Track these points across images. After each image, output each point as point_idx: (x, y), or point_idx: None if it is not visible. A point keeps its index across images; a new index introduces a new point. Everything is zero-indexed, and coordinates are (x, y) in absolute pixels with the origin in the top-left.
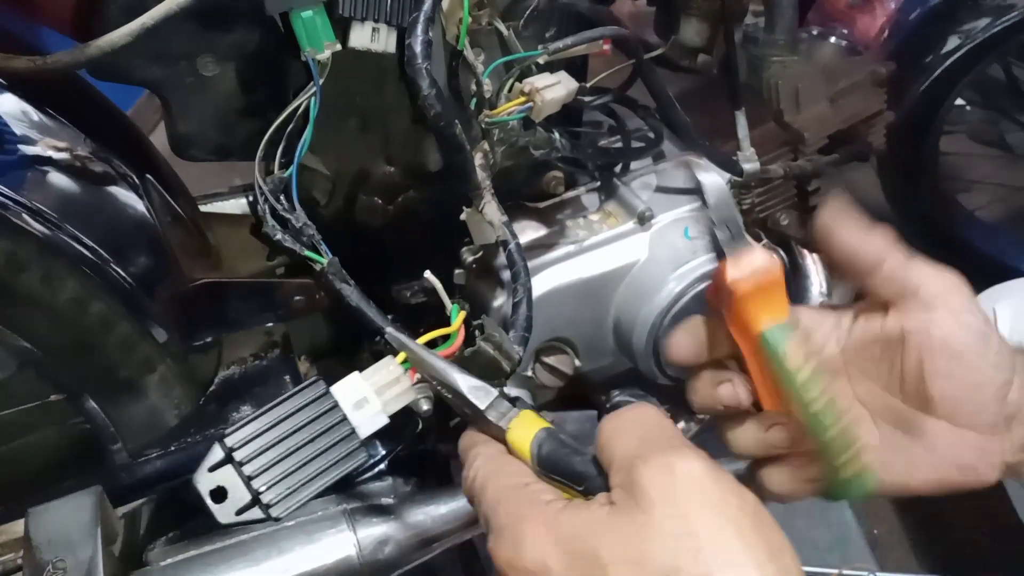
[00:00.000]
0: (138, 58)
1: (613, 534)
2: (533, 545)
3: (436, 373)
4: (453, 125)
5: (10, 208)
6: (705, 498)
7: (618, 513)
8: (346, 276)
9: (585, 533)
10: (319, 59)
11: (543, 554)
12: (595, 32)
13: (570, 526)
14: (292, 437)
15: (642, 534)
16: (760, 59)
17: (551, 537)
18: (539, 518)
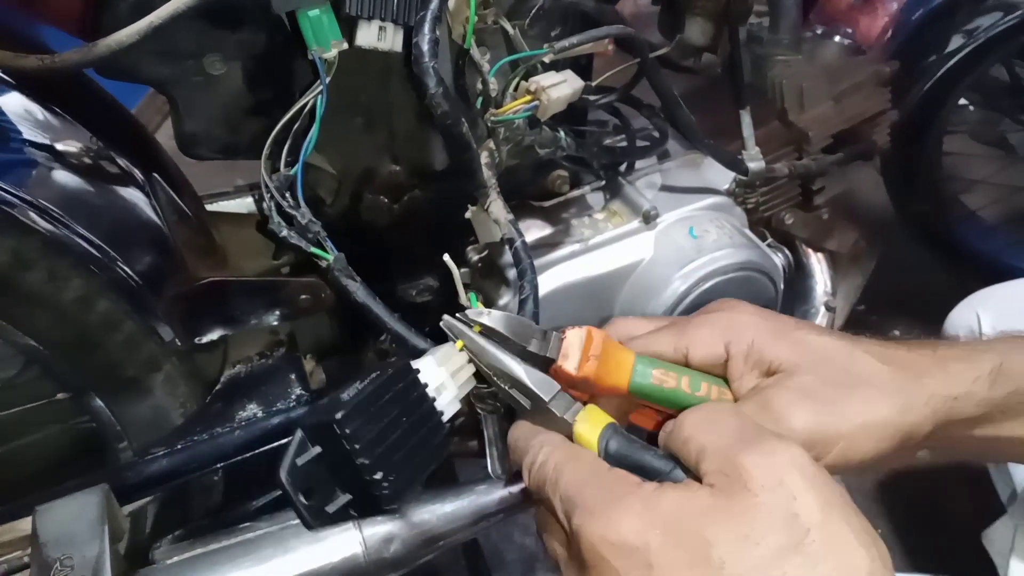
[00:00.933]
0: (146, 57)
1: (718, 515)
2: (631, 523)
3: (496, 364)
4: (460, 123)
5: (16, 206)
6: (809, 482)
7: (721, 495)
8: (352, 272)
9: (686, 513)
10: (326, 58)
11: (642, 532)
12: (600, 31)
13: (669, 506)
14: (394, 423)
15: (750, 513)
16: (764, 59)
17: (649, 516)
18: (634, 497)
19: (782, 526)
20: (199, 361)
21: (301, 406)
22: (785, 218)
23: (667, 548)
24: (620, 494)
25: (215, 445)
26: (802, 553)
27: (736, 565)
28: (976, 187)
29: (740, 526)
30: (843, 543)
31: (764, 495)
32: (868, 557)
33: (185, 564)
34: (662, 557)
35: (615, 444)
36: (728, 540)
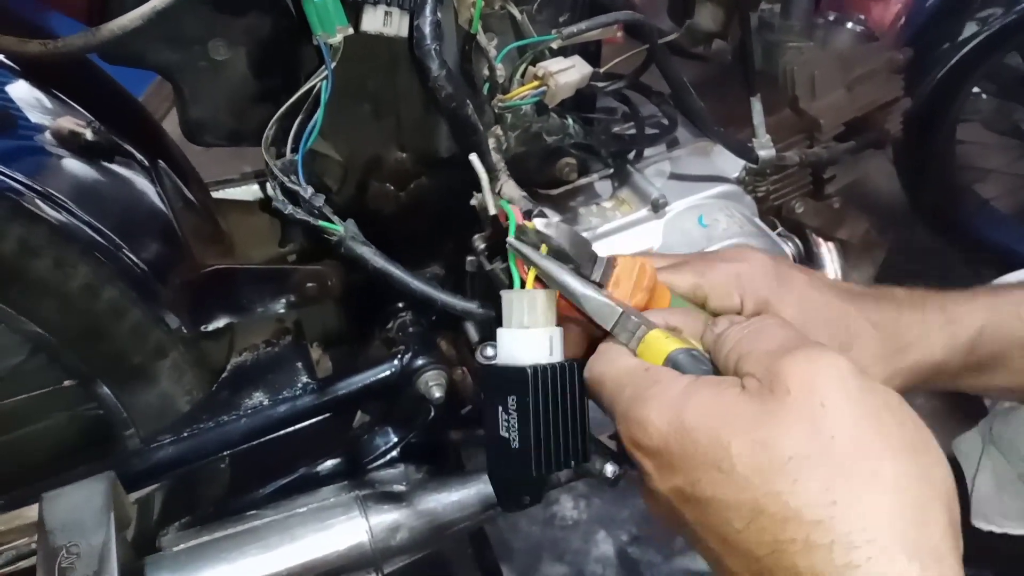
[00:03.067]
0: (150, 42)
1: (739, 415)
2: (658, 424)
3: (564, 291)
4: (465, 106)
5: (23, 194)
6: (845, 392)
7: (748, 396)
8: (365, 240)
9: (710, 411)
10: (331, 43)
11: (666, 432)
12: (609, 17)
13: (696, 404)
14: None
15: (772, 418)
16: (776, 45)
17: (675, 414)
18: (663, 396)
19: (802, 433)
20: (205, 349)
21: (307, 394)
22: (796, 207)
23: (685, 448)
24: (651, 395)
25: (221, 433)
26: (821, 463)
27: (746, 467)
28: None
29: (758, 428)
30: (868, 455)
31: (790, 400)
32: (900, 469)
33: (192, 551)
34: (681, 457)
35: (682, 364)
36: (743, 442)
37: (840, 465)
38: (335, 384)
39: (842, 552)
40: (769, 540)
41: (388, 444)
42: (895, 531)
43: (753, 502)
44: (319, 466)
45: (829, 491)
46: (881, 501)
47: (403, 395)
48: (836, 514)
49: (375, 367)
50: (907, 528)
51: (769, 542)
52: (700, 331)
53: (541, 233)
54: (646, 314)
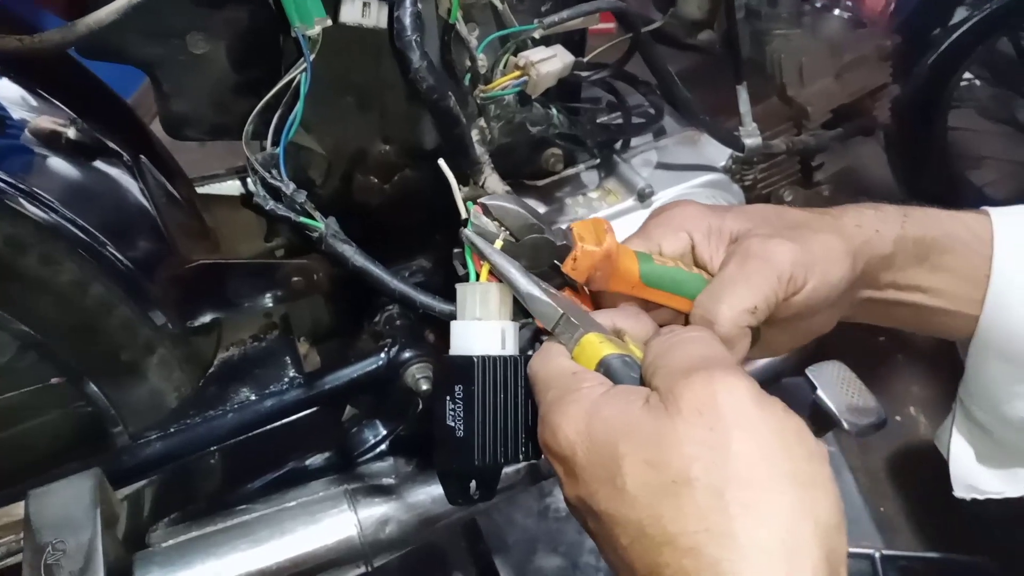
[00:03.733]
0: (128, 36)
1: (637, 431)
2: (567, 431)
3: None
4: (447, 98)
5: (7, 192)
6: (739, 416)
7: (648, 412)
8: (346, 237)
9: (614, 424)
10: (309, 35)
11: (573, 441)
12: (591, 5)
13: (604, 415)
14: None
15: (663, 438)
16: (763, 33)
17: (584, 423)
18: (578, 403)
19: (691, 455)
20: (193, 345)
21: (295, 389)
22: (784, 195)
23: (589, 458)
24: (567, 400)
25: (209, 428)
26: (702, 489)
27: (635, 485)
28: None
29: (649, 447)
30: (753, 483)
31: (680, 421)
32: (781, 501)
33: (182, 547)
34: (584, 468)
35: (613, 368)
36: (635, 460)
37: (720, 493)
38: (323, 378)
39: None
40: (648, 562)
41: (377, 437)
42: (762, 564)
43: (638, 522)
44: (308, 460)
45: (705, 519)
46: (755, 533)
47: (391, 388)
48: (709, 542)
49: (362, 361)
50: (776, 562)
51: (648, 563)
52: (648, 334)
53: (489, 213)
54: (595, 314)
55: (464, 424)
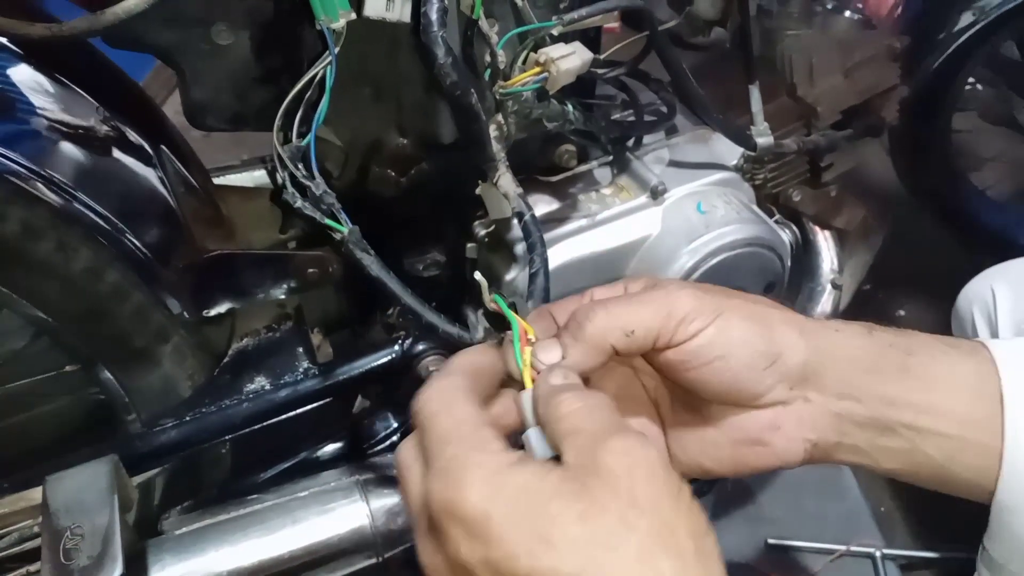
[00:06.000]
0: (153, 25)
1: (564, 494)
2: (477, 493)
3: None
4: (469, 94)
5: (25, 177)
6: (650, 483)
7: (573, 477)
8: (366, 245)
9: (535, 489)
10: (334, 28)
11: (486, 503)
12: (610, 3)
13: (520, 480)
14: None
15: (593, 499)
16: (774, 32)
17: (496, 488)
18: (487, 466)
19: (628, 515)
20: (207, 334)
21: (309, 379)
22: (793, 194)
23: (508, 522)
24: (474, 461)
25: (223, 417)
26: (642, 544)
27: (572, 543)
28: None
29: (585, 505)
30: (655, 549)
31: (615, 484)
32: (676, 565)
33: (195, 534)
34: (501, 530)
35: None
36: (569, 518)
37: (655, 540)
38: (336, 369)
39: None
40: None
41: (388, 429)
42: None
43: (574, 573)
44: (320, 450)
45: (643, 562)
46: (682, 571)
47: (404, 380)
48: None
49: (376, 352)
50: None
51: None
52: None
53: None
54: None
55: None
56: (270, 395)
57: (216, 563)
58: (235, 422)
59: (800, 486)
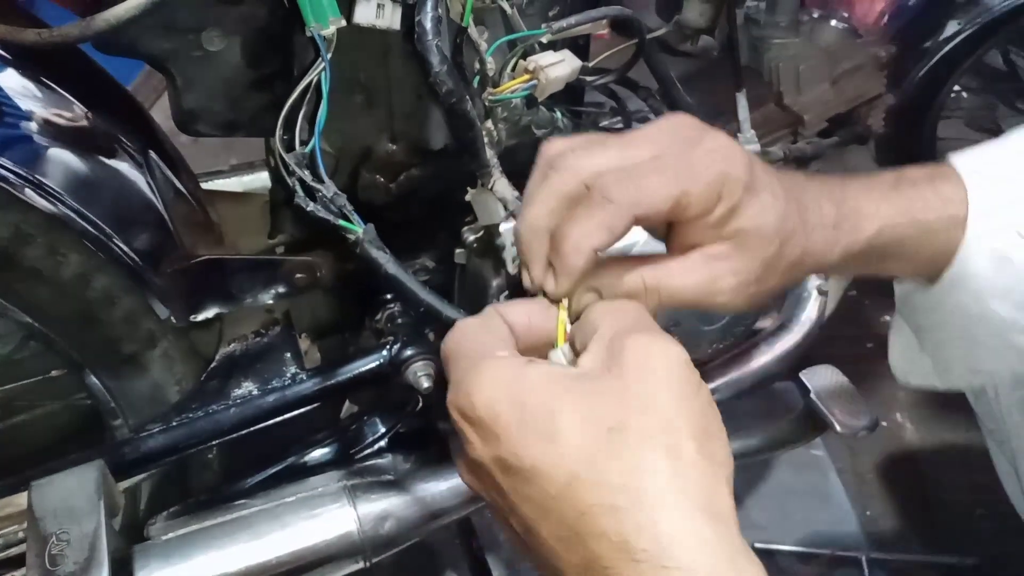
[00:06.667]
0: (145, 32)
1: (573, 391)
2: (487, 393)
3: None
4: (464, 101)
5: (14, 183)
6: (669, 378)
7: (579, 374)
8: (382, 244)
9: (543, 387)
10: (324, 35)
11: (495, 403)
12: (599, 12)
13: (529, 381)
14: None
15: (602, 394)
16: (762, 41)
17: (505, 388)
18: (495, 370)
19: (626, 409)
20: (195, 339)
21: (296, 384)
22: None
23: (517, 417)
24: (484, 366)
25: (211, 422)
26: (635, 435)
27: (570, 437)
28: None
29: (590, 402)
30: (676, 432)
31: (622, 378)
32: (696, 447)
33: (181, 540)
34: (509, 426)
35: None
36: (571, 414)
37: (650, 438)
38: (324, 374)
39: (641, 513)
40: (580, 505)
41: (376, 434)
42: (688, 495)
43: (571, 469)
44: (308, 455)
45: (636, 459)
46: (677, 470)
47: (392, 385)
48: (638, 480)
49: (364, 357)
50: (699, 493)
51: (580, 507)
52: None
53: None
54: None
55: None
56: (258, 400)
57: (203, 569)
58: (223, 427)
59: (787, 491)
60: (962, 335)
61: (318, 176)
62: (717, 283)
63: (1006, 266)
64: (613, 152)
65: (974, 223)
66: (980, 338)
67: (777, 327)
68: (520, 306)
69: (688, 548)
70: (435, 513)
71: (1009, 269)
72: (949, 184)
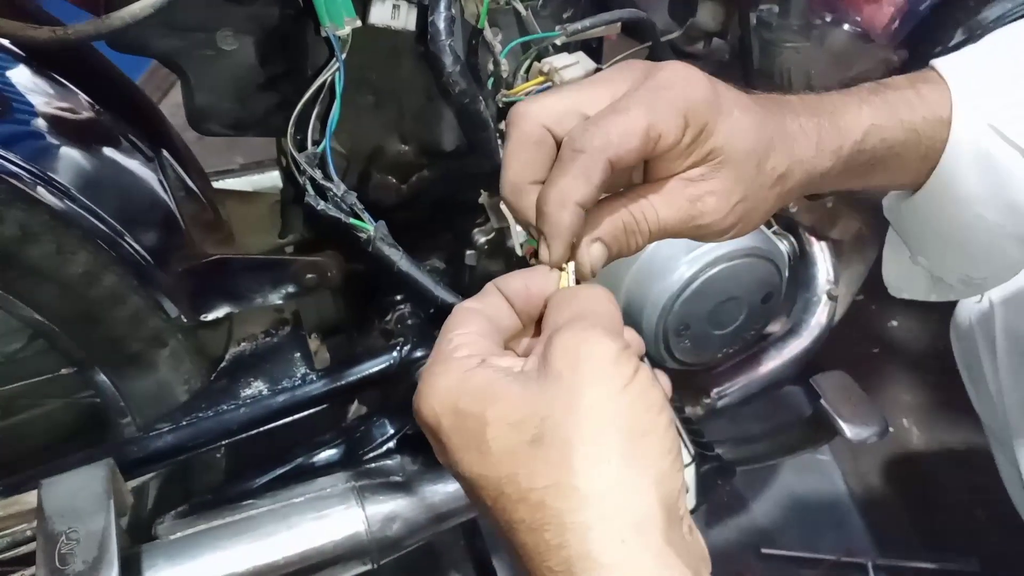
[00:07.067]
0: (159, 30)
1: (503, 396)
2: (432, 403)
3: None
4: (478, 102)
5: (25, 179)
6: (595, 374)
7: (517, 378)
8: (394, 241)
9: (479, 395)
10: (339, 35)
11: (439, 410)
12: (613, 14)
13: (472, 384)
14: None
15: (526, 400)
16: (773, 44)
17: (446, 395)
18: (447, 375)
19: (544, 415)
20: (204, 338)
21: (306, 384)
22: (790, 206)
23: (454, 427)
24: (438, 371)
25: (220, 422)
26: (554, 446)
27: (497, 448)
28: None
29: (515, 411)
30: (599, 439)
31: (545, 382)
32: (621, 450)
33: (188, 539)
34: (450, 437)
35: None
36: (500, 424)
37: (569, 448)
38: (334, 375)
39: (555, 532)
40: (506, 519)
41: (385, 435)
42: (599, 510)
43: (497, 482)
44: (316, 456)
45: (553, 474)
46: (594, 483)
47: (401, 386)
48: (556, 495)
49: (374, 358)
50: (611, 507)
51: (506, 520)
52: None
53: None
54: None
55: None
56: (267, 400)
57: (211, 568)
58: (231, 427)
59: (793, 496)
60: (952, 241)
61: (329, 176)
62: (698, 205)
63: (989, 169)
64: (567, 94)
65: (957, 124)
66: (970, 244)
67: (786, 331)
68: (518, 276)
69: (602, 566)
70: (442, 515)
71: (992, 172)
72: (932, 87)
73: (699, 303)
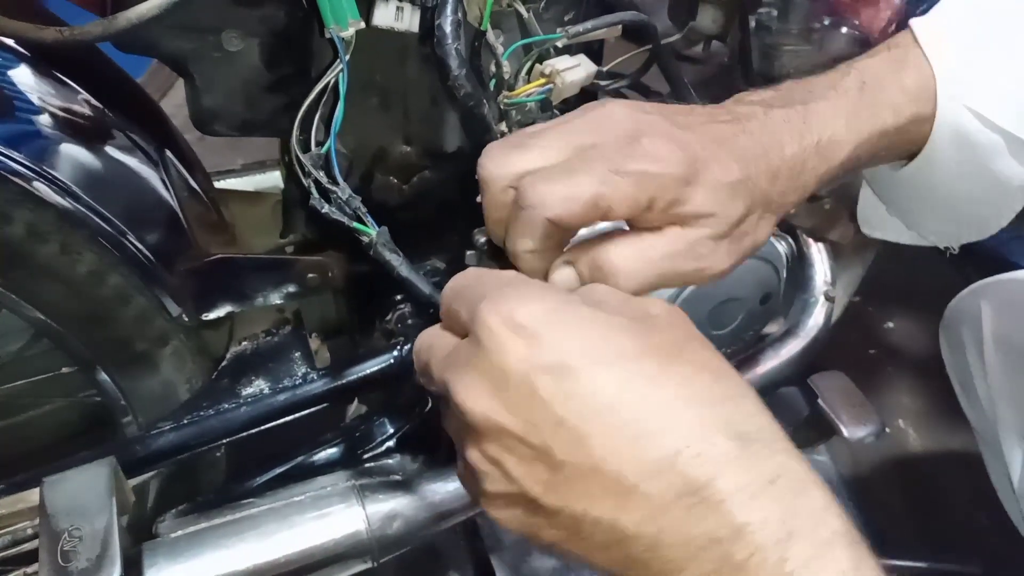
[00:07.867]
0: (165, 31)
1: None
2: (540, 306)
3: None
4: (482, 105)
5: (30, 179)
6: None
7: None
8: (395, 246)
9: (589, 318)
10: (343, 36)
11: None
12: (614, 17)
13: (582, 311)
14: None
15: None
16: (773, 47)
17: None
18: (548, 291)
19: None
20: (206, 337)
21: (307, 384)
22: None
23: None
24: (533, 286)
25: (221, 421)
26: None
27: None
28: None
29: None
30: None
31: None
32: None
33: (189, 538)
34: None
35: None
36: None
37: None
38: (335, 374)
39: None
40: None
41: (385, 434)
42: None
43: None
44: (316, 455)
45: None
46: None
47: (401, 386)
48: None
49: (375, 358)
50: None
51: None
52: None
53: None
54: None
55: None
56: (268, 399)
57: (212, 566)
58: (233, 426)
59: None
60: (931, 208)
61: (333, 177)
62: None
63: (965, 147)
64: (533, 154)
65: (941, 110)
66: (949, 213)
67: (784, 332)
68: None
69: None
70: (443, 514)
71: (969, 149)
72: (916, 74)
73: (698, 304)
